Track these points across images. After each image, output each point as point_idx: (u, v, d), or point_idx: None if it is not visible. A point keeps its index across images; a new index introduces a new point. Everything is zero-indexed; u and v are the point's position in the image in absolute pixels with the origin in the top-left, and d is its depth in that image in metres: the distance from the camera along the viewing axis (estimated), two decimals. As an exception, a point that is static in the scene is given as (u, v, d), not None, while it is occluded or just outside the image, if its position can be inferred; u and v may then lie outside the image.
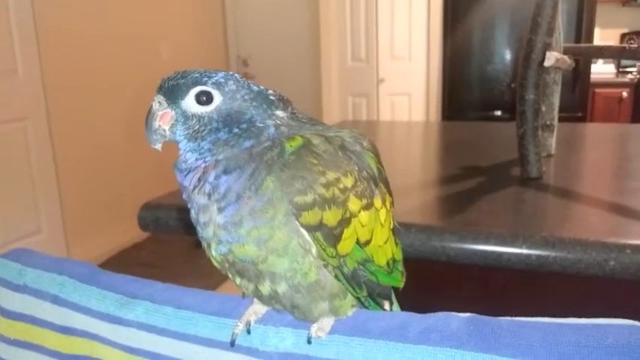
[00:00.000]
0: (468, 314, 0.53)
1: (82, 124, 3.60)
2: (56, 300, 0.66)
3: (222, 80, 0.51)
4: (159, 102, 0.52)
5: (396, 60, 4.65)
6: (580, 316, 0.52)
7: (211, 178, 0.49)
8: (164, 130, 0.52)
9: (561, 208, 1.15)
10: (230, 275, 0.53)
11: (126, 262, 3.61)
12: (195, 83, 0.51)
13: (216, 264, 0.53)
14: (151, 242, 3.93)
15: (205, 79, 0.51)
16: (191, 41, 4.63)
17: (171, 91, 0.51)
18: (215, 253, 0.51)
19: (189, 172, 0.51)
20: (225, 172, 0.49)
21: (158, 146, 0.52)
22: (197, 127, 0.51)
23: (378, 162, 0.56)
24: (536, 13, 1.27)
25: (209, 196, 0.49)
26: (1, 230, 3.12)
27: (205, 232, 0.51)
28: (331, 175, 0.49)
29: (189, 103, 0.51)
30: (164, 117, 0.52)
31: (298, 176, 0.48)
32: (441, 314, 0.54)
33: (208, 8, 4.89)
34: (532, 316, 0.53)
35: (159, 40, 4.24)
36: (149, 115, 0.52)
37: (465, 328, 0.51)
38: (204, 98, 0.51)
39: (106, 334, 0.62)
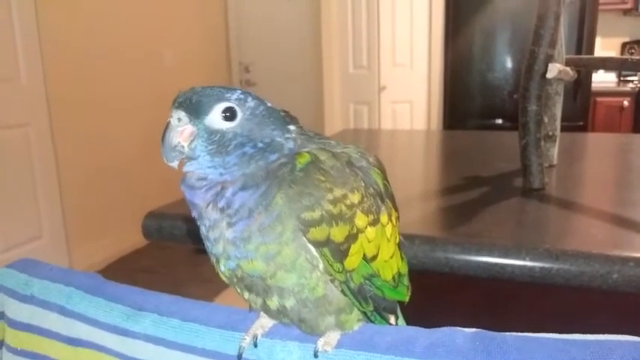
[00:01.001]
0: (473, 330, 0.54)
1: (84, 131, 3.61)
2: (63, 311, 0.66)
3: (242, 97, 0.51)
4: (178, 118, 0.50)
5: (397, 67, 4.66)
6: (583, 328, 0.53)
7: (228, 193, 0.49)
8: (182, 147, 0.50)
9: (564, 219, 1.15)
10: (238, 290, 0.54)
11: (127, 268, 3.61)
12: (220, 99, 0.50)
13: (224, 279, 0.54)
14: (152, 248, 3.94)
15: (228, 95, 0.51)
16: (194, 48, 4.65)
17: (195, 107, 0.50)
18: (224, 268, 0.52)
19: (204, 188, 0.51)
20: (243, 188, 0.49)
21: (175, 163, 0.51)
22: (222, 142, 0.50)
23: (384, 178, 0.56)
24: (538, 25, 1.28)
25: (221, 211, 0.50)
26: (3, 235, 3.13)
27: (215, 248, 0.51)
28: (338, 192, 0.49)
29: (213, 118, 0.50)
30: (184, 133, 0.51)
31: (306, 193, 0.48)
32: (446, 329, 0.54)
33: (211, 15, 4.91)
34: (536, 327, 0.54)
35: (162, 47, 4.27)
36: (167, 131, 0.50)
37: (470, 343, 0.51)
38: (229, 114, 0.50)
39: (112, 345, 0.63)
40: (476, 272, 0.94)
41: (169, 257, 3.79)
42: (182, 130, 0.50)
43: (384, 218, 0.54)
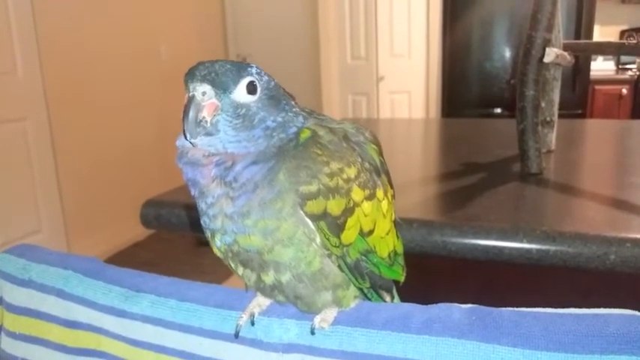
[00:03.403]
0: (469, 305, 0.54)
1: (82, 124, 3.60)
2: (61, 294, 0.66)
3: (259, 71, 0.51)
4: (203, 92, 0.48)
5: (395, 58, 4.65)
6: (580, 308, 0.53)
7: (239, 167, 0.49)
8: (206, 122, 0.48)
9: (561, 202, 1.15)
10: (233, 265, 0.54)
11: (127, 261, 3.62)
12: (245, 73, 0.49)
13: (219, 254, 0.54)
14: (152, 241, 3.94)
15: (249, 69, 0.50)
16: (190, 40, 4.64)
17: (222, 81, 0.48)
18: (220, 243, 0.52)
19: (214, 164, 0.49)
20: (254, 162, 0.49)
21: (199, 140, 0.48)
22: (248, 116, 0.49)
23: (380, 154, 0.56)
24: (535, 10, 1.28)
25: (227, 184, 0.49)
26: (2, 229, 3.13)
27: (213, 224, 0.51)
28: (335, 165, 0.50)
29: (240, 92, 0.49)
30: (209, 108, 0.48)
31: (303, 166, 0.49)
32: (443, 305, 0.54)
33: (207, 7, 4.89)
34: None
35: (158, 40, 4.25)
36: (192, 105, 0.48)
37: (466, 318, 0.51)
38: (251, 88, 0.50)
39: (111, 327, 0.63)
40: (473, 255, 0.94)
41: (169, 250, 3.80)
42: (208, 104, 0.48)
43: (379, 193, 0.54)
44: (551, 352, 0.47)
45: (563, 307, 0.53)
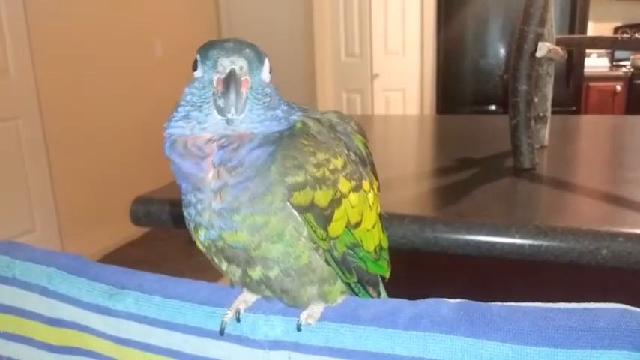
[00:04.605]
0: (458, 300, 0.53)
1: (75, 123, 3.58)
2: (45, 291, 0.65)
3: None
4: (240, 66, 0.45)
5: (389, 55, 4.64)
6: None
7: (244, 150, 0.46)
8: (242, 99, 0.45)
9: (554, 198, 1.15)
10: (216, 260, 0.52)
11: (122, 260, 3.60)
12: (264, 54, 0.48)
13: (202, 248, 0.53)
14: (146, 239, 3.92)
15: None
16: (185, 38, 4.61)
17: (255, 58, 0.47)
18: (203, 237, 0.50)
19: (217, 148, 0.46)
20: (259, 145, 0.47)
21: (241, 117, 0.46)
22: (272, 95, 0.48)
23: (366, 145, 0.56)
24: (528, 4, 1.27)
25: (229, 170, 0.46)
26: (-5, 229, 3.11)
27: (199, 217, 0.49)
28: (322, 156, 0.49)
29: (265, 71, 0.48)
30: (244, 84, 0.46)
31: (290, 156, 0.48)
32: (431, 300, 0.53)
33: (202, 3, 4.87)
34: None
35: (153, 38, 4.23)
36: (234, 79, 0.45)
37: (455, 313, 0.51)
38: (270, 69, 0.49)
39: (95, 325, 0.62)
40: (465, 250, 0.93)
41: (164, 248, 3.78)
42: (243, 80, 0.46)
43: (366, 185, 0.54)
44: (540, 347, 0.47)
45: (555, 302, 0.52)
